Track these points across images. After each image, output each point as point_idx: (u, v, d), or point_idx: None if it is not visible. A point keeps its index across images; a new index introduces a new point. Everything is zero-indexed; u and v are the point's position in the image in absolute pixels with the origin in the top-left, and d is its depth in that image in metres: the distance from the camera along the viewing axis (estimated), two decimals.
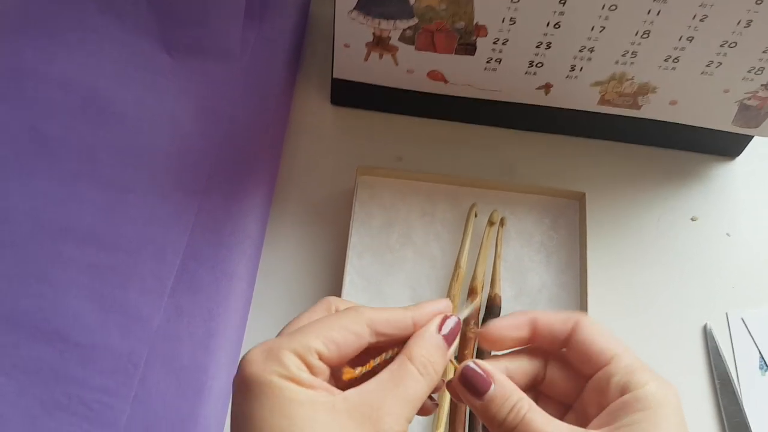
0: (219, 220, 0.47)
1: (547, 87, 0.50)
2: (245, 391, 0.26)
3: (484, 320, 0.46)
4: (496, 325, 0.32)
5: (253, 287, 0.48)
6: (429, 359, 0.28)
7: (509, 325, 0.31)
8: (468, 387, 0.29)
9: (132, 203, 0.47)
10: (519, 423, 0.28)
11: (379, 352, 0.29)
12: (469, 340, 0.44)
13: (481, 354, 0.44)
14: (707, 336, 0.48)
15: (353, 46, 0.48)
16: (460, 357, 0.44)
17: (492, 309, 0.46)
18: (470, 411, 0.43)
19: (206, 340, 0.44)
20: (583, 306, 0.46)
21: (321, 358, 0.27)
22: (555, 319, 0.31)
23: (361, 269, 0.48)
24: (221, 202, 0.48)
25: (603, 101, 0.50)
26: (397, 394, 0.27)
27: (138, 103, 0.50)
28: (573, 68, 0.47)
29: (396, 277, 0.48)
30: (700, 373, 0.47)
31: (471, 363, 0.30)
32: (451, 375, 0.31)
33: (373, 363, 0.29)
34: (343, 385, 0.28)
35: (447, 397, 0.43)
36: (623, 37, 0.45)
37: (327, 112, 0.55)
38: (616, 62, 0.47)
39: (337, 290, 0.47)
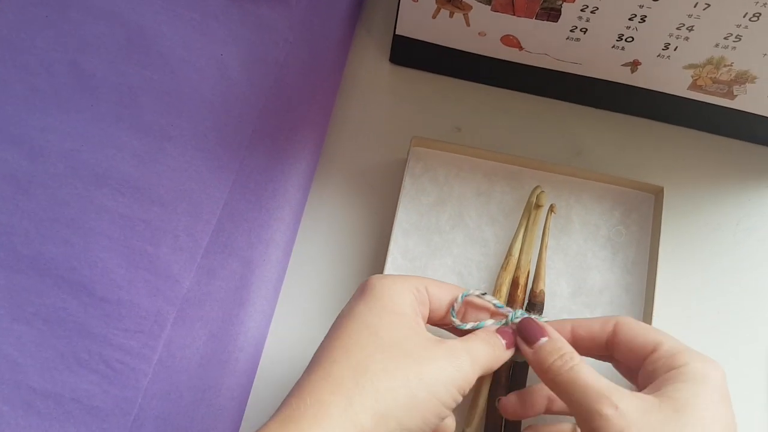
0: (260, 182, 0.44)
1: (634, 64, 0.44)
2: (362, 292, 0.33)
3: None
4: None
5: (288, 256, 0.45)
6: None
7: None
8: (522, 335, 0.34)
9: (171, 153, 0.44)
10: (567, 371, 0.31)
11: None
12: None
13: None
14: None
15: (422, 1, 0.43)
16: None
17: (534, 306, 0.41)
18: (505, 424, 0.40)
19: (236, 309, 0.41)
20: (647, 313, 0.42)
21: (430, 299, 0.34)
22: (593, 327, 0.34)
23: (406, 250, 0.44)
24: (264, 161, 0.45)
25: (694, 86, 0.45)
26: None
27: (185, 45, 0.47)
28: (667, 47, 0.42)
29: (443, 260, 0.44)
30: (763, 399, 0.43)
31: (530, 315, 0.35)
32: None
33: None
34: None
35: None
36: (729, 18, 0.39)
37: (384, 71, 0.50)
38: (717, 45, 0.41)
39: (378, 269, 0.44)
